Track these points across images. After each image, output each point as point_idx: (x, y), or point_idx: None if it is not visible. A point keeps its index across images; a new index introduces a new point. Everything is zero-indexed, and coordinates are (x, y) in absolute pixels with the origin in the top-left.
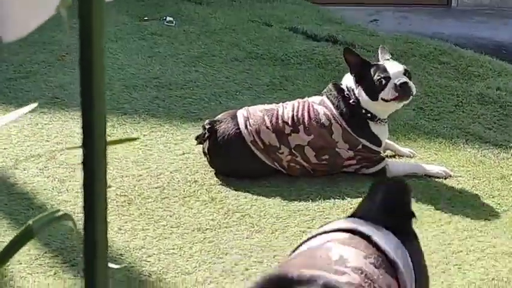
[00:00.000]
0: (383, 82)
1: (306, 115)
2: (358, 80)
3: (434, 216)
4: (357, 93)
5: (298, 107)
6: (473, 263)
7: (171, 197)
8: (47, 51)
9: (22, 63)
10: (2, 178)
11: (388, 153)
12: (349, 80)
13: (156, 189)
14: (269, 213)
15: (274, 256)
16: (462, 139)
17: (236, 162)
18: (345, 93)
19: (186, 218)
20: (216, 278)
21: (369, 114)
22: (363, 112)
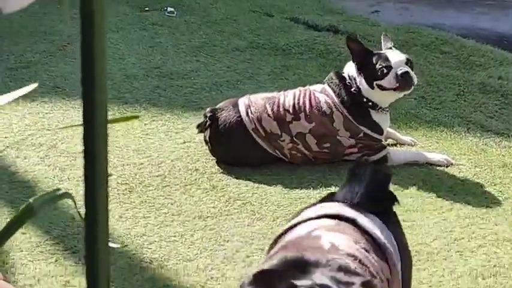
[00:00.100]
0: (384, 71)
1: (307, 103)
2: (360, 68)
3: (435, 204)
4: (359, 82)
5: (299, 95)
6: (475, 250)
7: (172, 185)
8: (47, 41)
9: (23, 53)
10: (3, 166)
11: (390, 141)
12: (351, 68)
13: (157, 177)
14: (270, 201)
15: None
16: (464, 128)
17: (237, 150)
18: (347, 82)
19: (187, 205)
20: (217, 264)
21: (370, 103)
22: (364, 100)
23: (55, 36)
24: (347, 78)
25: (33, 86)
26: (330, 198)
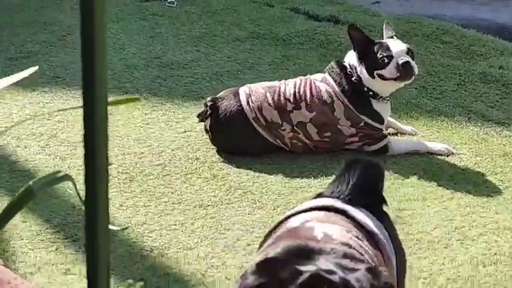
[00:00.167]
0: (385, 61)
1: (308, 92)
2: (361, 57)
3: (436, 193)
4: (359, 71)
5: (300, 84)
6: (476, 238)
7: (173, 174)
8: (47, 31)
9: (23, 43)
10: (3, 156)
11: (390, 131)
12: (352, 57)
13: (157, 166)
14: (271, 190)
15: None
16: (464, 117)
17: (238, 139)
18: (348, 71)
19: (188, 194)
20: (218, 253)
21: (371, 92)
22: (364, 90)
23: (55, 26)
24: (348, 67)
25: (33, 69)
26: (318, 196)
